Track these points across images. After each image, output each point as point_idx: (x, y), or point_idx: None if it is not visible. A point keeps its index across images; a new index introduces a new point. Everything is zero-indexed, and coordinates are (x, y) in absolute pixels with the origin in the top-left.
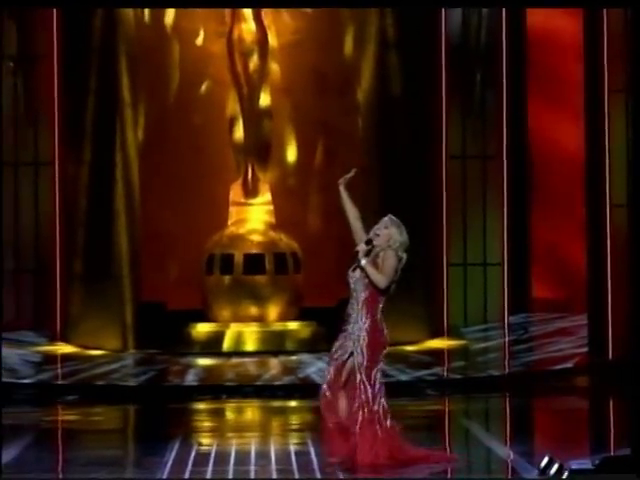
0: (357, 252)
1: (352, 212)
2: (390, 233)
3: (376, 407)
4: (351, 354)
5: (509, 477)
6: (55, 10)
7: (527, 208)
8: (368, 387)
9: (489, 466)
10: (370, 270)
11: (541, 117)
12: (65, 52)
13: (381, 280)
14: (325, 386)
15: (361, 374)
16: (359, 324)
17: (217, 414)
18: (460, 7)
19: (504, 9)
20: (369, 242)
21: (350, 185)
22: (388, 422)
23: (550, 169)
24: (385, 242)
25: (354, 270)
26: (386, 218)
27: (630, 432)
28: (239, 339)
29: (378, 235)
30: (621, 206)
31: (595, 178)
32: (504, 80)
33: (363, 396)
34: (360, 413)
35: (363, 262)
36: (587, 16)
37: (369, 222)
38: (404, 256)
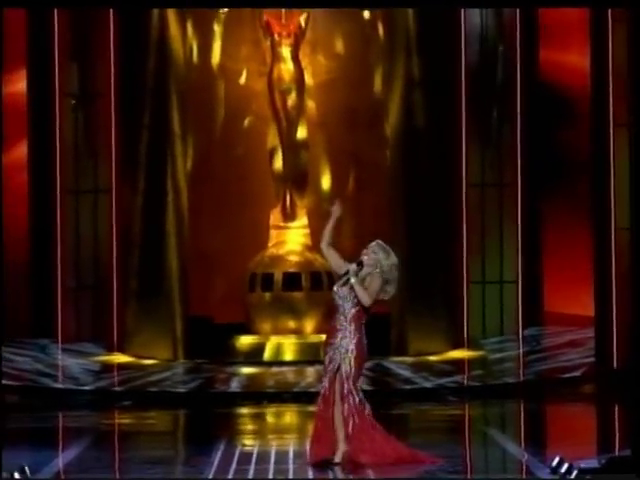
0: (348, 271)
1: (334, 257)
2: (378, 258)
3: (367, 411)
4: (339, 366)
5: (523, 476)
6: (113, 51)
7: (539, 231)
8: (355, 395)
9: (505, 465)
10: (358, 289)
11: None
12: (121, 90)
13: (367, 299)
14: (320, 398)
15: (349, 384)
16: (347, 338)
17: (259, 418)
18: (469, 7)
19: (518, 51)
20: (360, 264)
21: (377, 212)
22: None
23: (560, 196)
24: (372, 266)
25: (342, 287)
26: (374, 243)
27: (632, 435)
28: (279, 350)
29: (366, 258)
30: (625, 229)
31: (601, 203)
32: (518, 114)
33: (352, 403)
34: (351, 419)
35: (353, 280)
36: (595, 54)
37: (398, 247)
38: (390, 289)
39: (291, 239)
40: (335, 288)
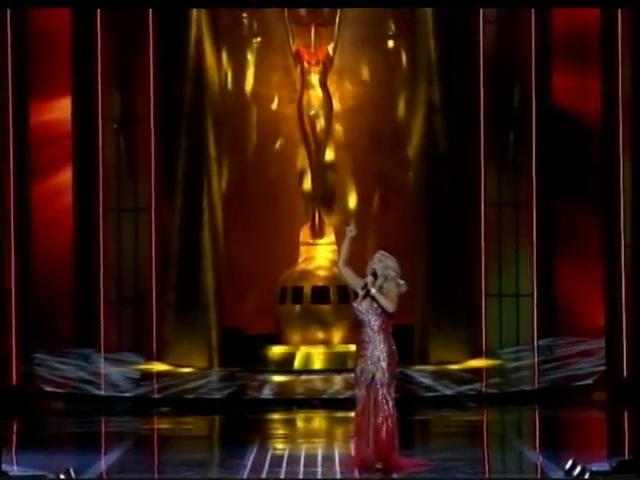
0: (366, 284)
1: (350, 276)
2: (386, 264)
3: (395, 419)
4: (373, 376)
5: (538, 477)
6: (152, 79)
7: (553, 247)
8: (389, 401)
9: (521, 467)
10: (380, 298)
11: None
12: (160, 115)
13: (390, 305)
14: (360, 407)
15: (383, 391)
16: (378, 349)
17: (289, 423)
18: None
19: (533, 77)
20: (374, 274)
21: (400, 229)
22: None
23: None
24: (383, 271)
25: (362, 302)
26: (377, 254)
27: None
28: (308, 359)
29: (377, 267)
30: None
31: (611, 221)
32: (533, 138)
33: (386, 410)
34: (384, 425)
35: (373, 291)
36: (605, 80)
37: (420, 262)
38: (402, 282)
39: (319, 255)
40: (355, 305)
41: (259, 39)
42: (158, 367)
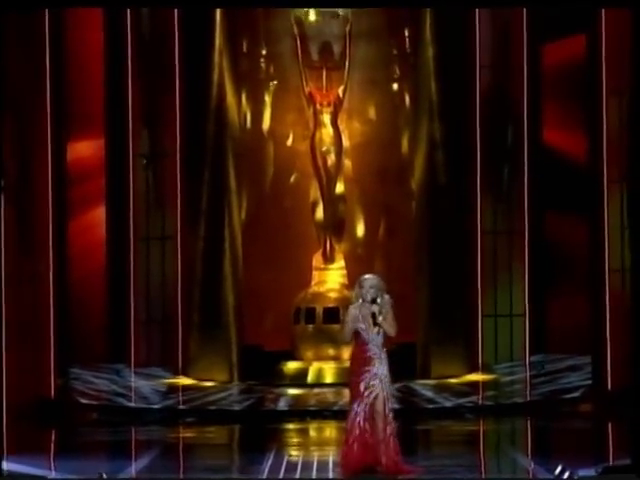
0: (374, 313)
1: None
2: (378, 286)
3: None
4: (380, 391)
5: (530, 477)
6: (178, 117)
7: (544, 272)
8: (391, 413)
9: (514, 472)
10: (386, 326)
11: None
12: (185, 151)
13: (392, 330)
14: (359, 419)
15: (388, 405)
16: (382, 365)
17: (303, 432)
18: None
19: (526, 123)
20: (374, 301)
21: (404, 255)
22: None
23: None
24: (377, 295)
25: (373, 331)
26: (365, 280)
27: (627, 446)
28: (320, 374)
29: (373, 296)
30: (617, 271)
31: (596, 247)
32: (525, 172)
33: (391, 422)
34: (392, 436)
35: (380, 320)
36: (589, 124)
37: (422, 286)
38: (387, 297)
39: (330, 279)
40: (370, 337)
41: (275, 82)
42: (183, 381)
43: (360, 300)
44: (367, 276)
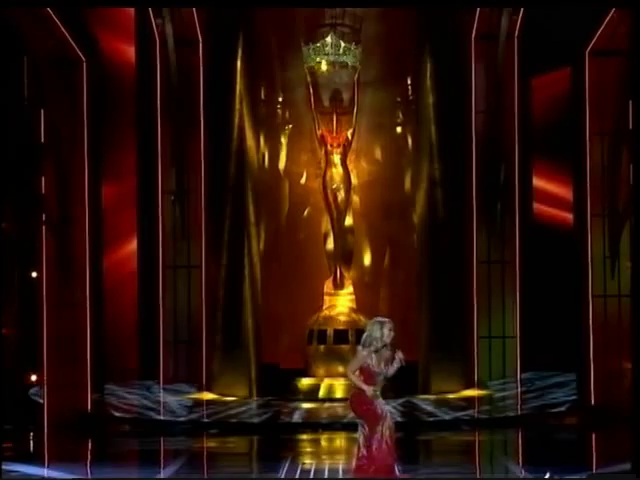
0: (393, 358)
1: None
2: (392, 328)
3: None
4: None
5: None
6: (203, 158)
7: (533, 298)
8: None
9: (507, 478)
10: (392, 371)
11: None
12: (209, 188)
13: (392, 370)
14: (389, 440)
15: (391, 422)
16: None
17: (315, 443)
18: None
19: (517, 163)
20: (385, 346)
21: (407, 283)
22: None
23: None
24: (389, 339)
25: (386, 368)
26: (369, 324)
27: (609, 455)
28: (331, 389)
29: (385, 341)
30: (600, 296)
31: (581, 276)
32: (516, 208)
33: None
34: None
35: (393, 369)
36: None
37: (423, 310)
38: (387, 320)
39: (340, 303)
40: (379, 379)
41: (290, 126)
42: (207, 396)
43: (375, 343)
44: (385, 319)
